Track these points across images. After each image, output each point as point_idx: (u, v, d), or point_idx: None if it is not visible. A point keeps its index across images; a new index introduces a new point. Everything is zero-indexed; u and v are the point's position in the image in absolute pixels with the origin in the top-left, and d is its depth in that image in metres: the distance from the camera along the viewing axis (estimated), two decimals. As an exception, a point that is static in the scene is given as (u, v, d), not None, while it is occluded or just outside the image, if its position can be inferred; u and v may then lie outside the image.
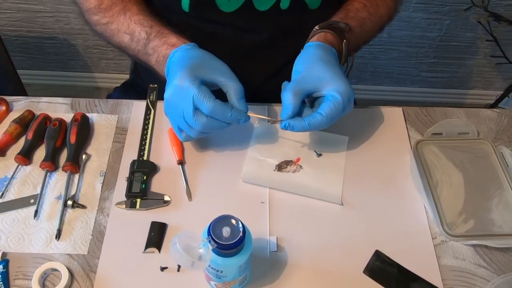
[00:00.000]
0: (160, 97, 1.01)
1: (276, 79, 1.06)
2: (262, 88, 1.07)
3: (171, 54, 0.83)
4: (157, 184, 0.88)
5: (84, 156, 0.91)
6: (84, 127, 0.94)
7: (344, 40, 0.88)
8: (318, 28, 0.89)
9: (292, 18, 0.96)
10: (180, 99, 0.78)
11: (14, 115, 0.96)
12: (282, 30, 0.99)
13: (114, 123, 0.97)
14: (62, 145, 0.92)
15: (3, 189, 0.86)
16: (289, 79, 1.02)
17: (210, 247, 0.63)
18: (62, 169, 0.89)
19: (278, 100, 1.01)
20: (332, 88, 0.79)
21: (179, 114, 0.79)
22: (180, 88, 0.77)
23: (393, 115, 1.01)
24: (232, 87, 0.79)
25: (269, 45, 1.01)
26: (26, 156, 0.89)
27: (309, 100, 0.85)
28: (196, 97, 0.75)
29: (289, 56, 1.06)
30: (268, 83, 1.07)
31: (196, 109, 0.77)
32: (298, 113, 0.81)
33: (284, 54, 1.05)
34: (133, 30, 0.90)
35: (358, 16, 0.94)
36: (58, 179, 0.88)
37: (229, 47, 1.00)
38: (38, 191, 0.86)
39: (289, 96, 0.79)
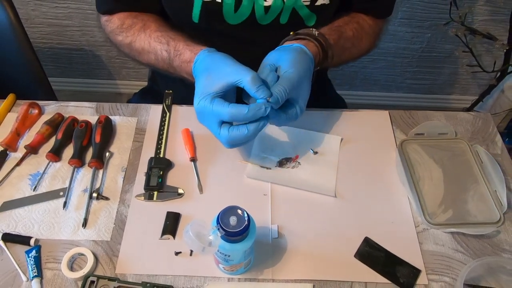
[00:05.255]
0: (175, 101, 1.01)
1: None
2: None
3: (193, 71, 0.81)
4: (172, 179, 0.88)
5: (107, 154, 0.91)
6: (108, 128, 0.94)
7: (322, 64, 0.87)
8: (316, 34, 0.85)
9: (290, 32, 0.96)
10: (204, 121, 0.78)
11: (45, 117, 0.96)
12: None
13: (134, 125, 0.97)
14: (88, 144, 0.92)
15: (35, 183, 0.86)
16: None
17: (219, 234, 0.63)
18: (88, 165, 0.89)
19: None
20: (299, 104, 0.77)
21: (211, 131, 0.78)
22: (199, 112, 0.76)
23: (381, 117, 1.00)
24: (244, 81, 0.71)
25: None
26: (56, 154, 0.89)
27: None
28: (213, 112, 0.73)
29: None
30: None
31: (219, 124, 0.75)
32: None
33: None
34: (155, 49, 0.89)
35: (344, 45, 0.92)
36: (85, 174, 0.88)
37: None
38: (67, 185, 0.86)
39: (283, 94, 0.73)
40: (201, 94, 0.75)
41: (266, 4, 0.90)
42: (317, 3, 0.91)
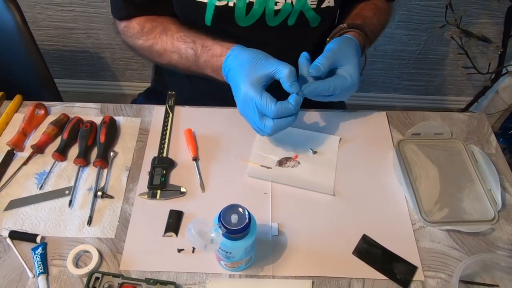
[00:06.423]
0: (179, 102, 1.01)
1: (279, 90, 1.06)
2: None
3: (223, 64, 0.82)
4: (174, 178, 0.88)
5: (112, 153, 0.91)
6: (112, 128, 0.94)
7: (366, 45, 0.92)
8: (346, 26, 0.90)
9: (296, 33, 0.96)
10: (248, 110, 0.79)
11: (51, 118, 0.97)
12: (287, 44, 0.98)
13: (138, 125, 0.97)
14: (93, 144, 0.92)
15: (42, 181, 0.86)
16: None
17: (221, 232, 0.63)
18: (93, 165, 0.89)
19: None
20: (346, 70, 0.81)
21: (251, 121, 0.80)
22: (245, 101, 0.77)
23: (378, 118, 1.00)
24: (283, 72, 0.76)
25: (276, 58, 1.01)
26: (61, 153, 0.89)
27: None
28: (260, 105, 0.76)
29: None
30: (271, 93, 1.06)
31: (262, 115, 0.77)
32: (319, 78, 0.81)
33: None
34: (178, 48, 0.90)
35: (372, 23, 0.96)
36: (90, 173, 0.88)
37: None
38: (72, 184, 0.86)
39: (323, 60, 0.80)
40: (249, 84, 0.76)
41: (276, 8, 0.90)
42: (323, 6, 0.93)
